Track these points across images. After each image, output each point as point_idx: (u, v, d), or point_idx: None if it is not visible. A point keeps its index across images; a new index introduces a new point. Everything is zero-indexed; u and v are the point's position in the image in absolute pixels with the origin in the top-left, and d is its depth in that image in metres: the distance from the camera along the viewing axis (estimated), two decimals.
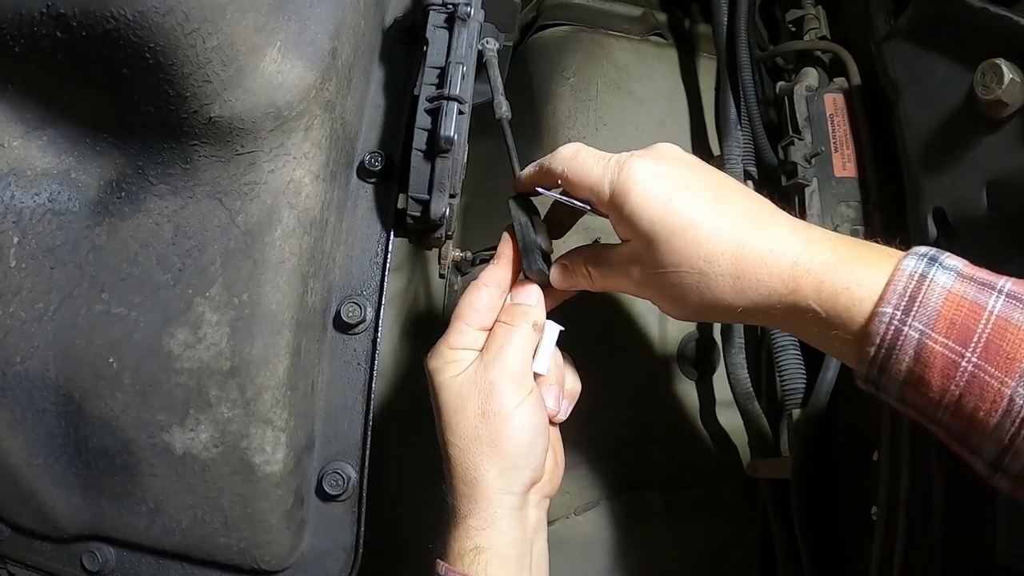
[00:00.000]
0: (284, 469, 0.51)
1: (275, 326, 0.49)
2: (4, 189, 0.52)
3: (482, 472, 0.46)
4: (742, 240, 0.42)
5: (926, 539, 0.56)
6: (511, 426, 0.46)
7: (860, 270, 0.40)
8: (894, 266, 0.39)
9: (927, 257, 0.39)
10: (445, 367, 0.48)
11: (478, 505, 0.46)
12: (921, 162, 0.61)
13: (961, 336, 0.36)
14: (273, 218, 0.49)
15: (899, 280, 0.38)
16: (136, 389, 0.50)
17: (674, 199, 0.43)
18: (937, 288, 0.37)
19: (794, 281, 0.41)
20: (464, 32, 0.53)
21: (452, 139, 0.49)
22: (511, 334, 0.48)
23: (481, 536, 0.45)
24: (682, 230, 0.42)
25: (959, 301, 0.37)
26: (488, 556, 0.45)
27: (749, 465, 0.71)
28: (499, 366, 0.47)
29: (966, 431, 0.37)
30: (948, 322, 0.37)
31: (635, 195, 0.43)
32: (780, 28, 0.81)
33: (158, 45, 0.44)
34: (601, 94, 0.77)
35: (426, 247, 0.57)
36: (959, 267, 0.39)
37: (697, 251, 0.42)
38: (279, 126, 0.49)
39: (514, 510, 0.46)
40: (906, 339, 0.37)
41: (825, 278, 0.40)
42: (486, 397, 0.46)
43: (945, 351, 0.37)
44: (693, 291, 0.43)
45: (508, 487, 0.46)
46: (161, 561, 0.56)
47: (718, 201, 0.43)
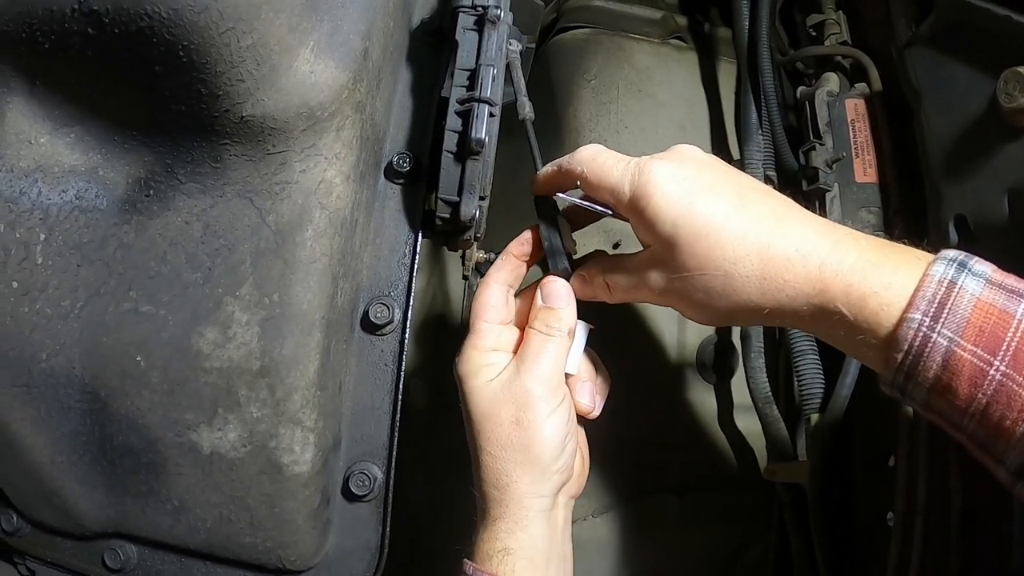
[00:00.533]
0: (312, 469, 0.51)
1: (306, 326, 0.49)
2: (31, 186, 0.52)
3: (514, 478, 0.46)
4: (767, 241, 0.41)
5: (943, 545, 0.56)
6: (544, 433, 0.46)
7: (889, 274, 0.39)
8: (923, 271, 0.39)
9: (956, 262, 0.39)
10: (477, 372, 0.48)
11: (508, 509, 0.46)
12: (943, 169, 0.61)
13: (990, 344, 0.36)
14: (304, 218, 0.49)
15: (928, 286, 0.38)
16: (164, 388, 0.50)
17: (697, 201, 0.42)
18: (967, 295, 0.37)
19: (821, 282, 0.40)
20: (494, 34, 0.53)
21: (483, 141, 0.49)
22: (547, 342, 0.48)
23: (510, 538, 0.45)
24: (706, 232, 0.42)
25: (988, 308, 0.37)
26: (516, 558, 0.45)
27: (766, 469, 0.72)
28: (534, 375, 0.47)
29: (992, 439, 0.37)
30: (977, 330, 0.36)
31: (656, 197, 0.43)
32: (800, 33, 0.82)
33: (192, 43, 0.44)
34: (622, 97, 0.77)
35: (453, 248, 0.57)
36: (988, 273, 0.38)
37: (722, 253, 0.41)
38: (311, 126, 0.49)
39: (544, 512, 0.47)
40: (934, 346, 0.37)
41: (853, 280, 0.39)
42: (520, 406, 0.46)
43: (974, 359, 0.36)
44: (719, 294, 0.43)
45: (539, 491, 0.47)
46: (184, 560, 0.56)
47: (742, 202, 0.43)
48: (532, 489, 0.46)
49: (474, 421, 0.47)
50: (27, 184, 0.52)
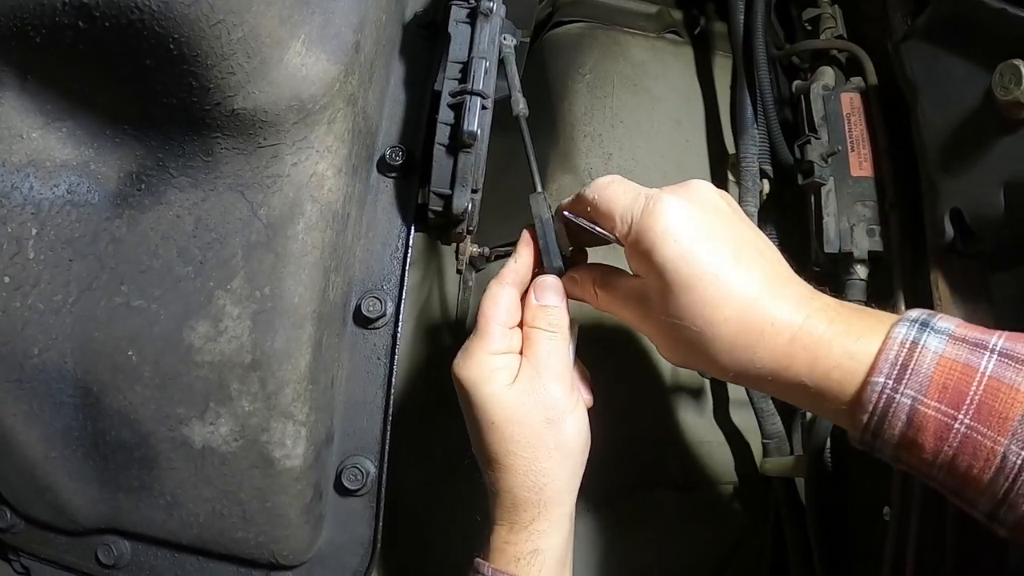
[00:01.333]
0: (304, 464, 0.51)
1: (297, 320, 0.49)
2: (23, 180, 0.52)
3: (553, 476, 0.46)
4: (748, 308, 0.42)
5: (939, 541, 0.56)
6: (572, 428, 0.47)
7: (852, 342, 0.40)
8: (885, 334, 0.39)
9: (918, 322, 0.39)
10: (490, 377, 0.47)
11: (546, 509, 0.46)
12: (938, 162, 0.61)
13: (953, 399, 0.37)
14: (296, 211, 0.49)
15: (891, 349, 0.39)
16: (156, 382, 0.50)
17: (694, 249, 0.42)
18: (929, 354, 0.38)
19: (788, 358, 0.41)
20: (487, 27, 0.52)
21: (475, 134, 0.49)
22: (555, 340, 0.48)
23: (543, 539, 0.46)
24: (693, 284, 0.42)
25: (951, 365, 0.37)
26: (545, 557, 0.46)
27: (762, 465, 0.72)
28: (552, 373, 0.47)
29: (961, 487, 0.38)
30: (940, 387, 0.37)
31: (656, 233, 0.43)
32: (796, 27, 0.81)
33: (182, 36, 0.44)
34: (617, 91, 0.77)
35: (446, 242, 0.57)
36: (951, 329, 0.39)
37: (703, 311, 0.42)
38: (302, 119, 0.48)
39: (572, 508, 0.48)
40: (899, 406, 0.38)
41: (819, 354, 0.40)
42: (547, 403, 0.47)
43: (938, 415, 0.37)
44: (689, 346, 0.43)
45: (573, 487, 0.48)
46: (177, 555, 0.56)
47: (737, 260, 0.43)
48: (568, 485, 0.47)
49: (499, 426, 0.46)
50: (19, 179, 0.52)
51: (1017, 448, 0.35)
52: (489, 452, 0.47)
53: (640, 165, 0.76)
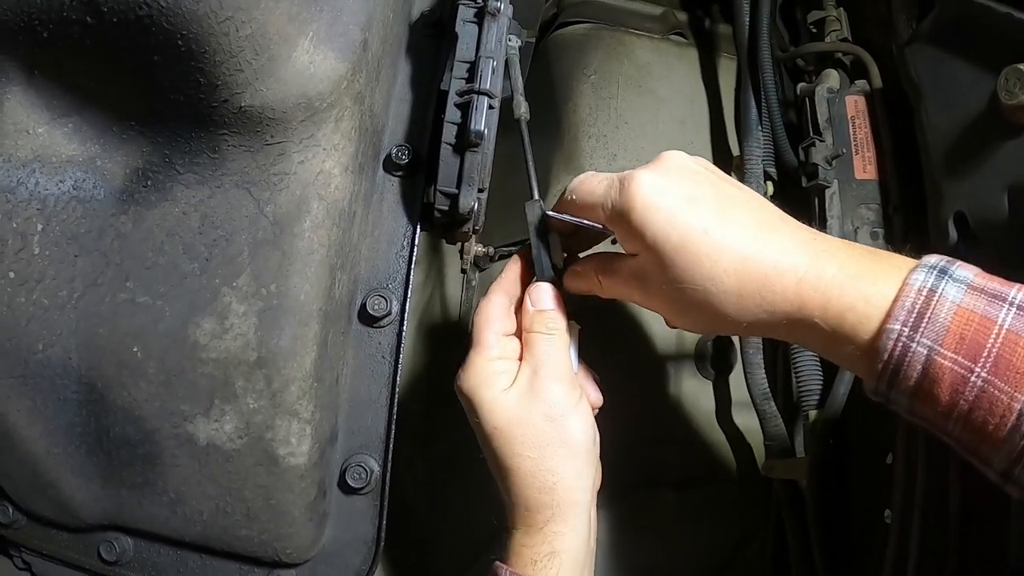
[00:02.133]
0: (309, 461, 0.51)
1: (303, 317, 0.49)
2: (29, 176, 0.52)
3: (560, 474, 0.46)
4: (745, 257, 0.41)
5: (941, 542, 0.56)
6: (576, 425, 0.47)
7: (868, 285, 0.39)
8: (903, 280, 0.38)
9: (937, 269, 0.38)
10: (489, 382, 0.47)
11: (559, 509, 0.46)
12: (943, 166, 0.61)
13: (971, 351, 0.36)
14: (302, 209, 0.49)
15: (907, 295, 0.38)
16: (160, 379, 0.50)
17: (677, 214, 0.42)
18: (947, 303, 0.37)
19: (799, 299, 0.40)
20: (494, 27, 0.52)
21: (483, 133, 0.49)
22: (552, 341, 0.48)
23: (559, 540, 0.46)
24: (684, 246, 0.42)
25: (969, 315, 0.36)
26: (562, 560, 0.45)
27: (765, 465, 0.71)
28: (551, 372, 0.47)
29: (976, 443, 0.38)
30: (958, 337, 0.36)
31: (637, 210, 0.43)
32: (800, 29, 0.81)
33: (191, 32, 0.44)
34: (622, 92, 0.77)
35: (451, 241, 0.57)
36: (970, 278, 0.38)
37: (700, 270, 0.42)
38: (310, 117, 0.48)
39: (587, 508, 0.48)
40: (914, 355, 0.37)
41: (832, 296, 0.39)
42: (548, 402, 0.46)
43: (954, 366, 0.36)
44: (697, 307, 0.43)
45: (583, 484, 0.47)
46: (180, 552, 0.56)
47: (723, 214, 0.42)
48: (577, 483, 0.47)
49: (502, 430, 0.47)
50: (25, 174, 0.51)
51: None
52: (497, 458, 0.47)
53: None
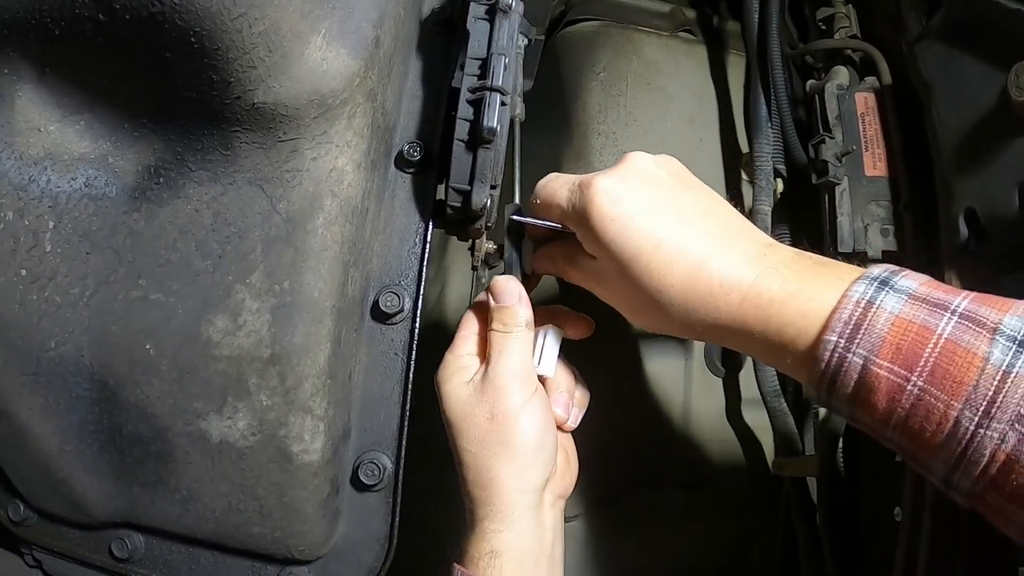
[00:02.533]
0: (322, 458, 0.51)
1: (317, 314, 0.49)
2: (40, 173, 0.52)
3: (495, 473, 0.46)
4: (694, 272, 0.42)
5: (951, 541, 0.56)
6: (520, 425, 0.46)
7: (805, 302, 0.39)
8: (842, 292, 0.39)
9: (878, 280, 0.39)
10: (451, 376, 0.49)
11: (494, 507, 0.46)
12: (953, 163, 0.61)
13: (907, 361, 0.36)
14: (315, 206, 0.49)
15: (845, 307, 0.38)
16: (173, 376, 0.50)
17: (632, 224, 0.43)
18: (884, 314, 0.37)
19: (741, 315, 0.41)
20: (506, 23, 0.52)
21: (495, 130, 0.49)
22: (507, 339, 0.48)
23: (497, 539, 0.46)
24: (636, 256, 0.43)
25: (906, 326, 0.36)
26: (503, 560, 0.45)
27: (775, 463, 0.72)
28: (501, 369, 0.47)
29: (915, 450, 0.38)
30: (894, 348, 0.36)
31: (594, 218, 0.44)
32: (809, 26, 0.81)
33: (204, 29, 0.44)
34: (631, 89, 0.77)
35: (463, 238, 0.57)
36: (913, 288, 0.38)
37: (651, 280, 0.43)
38: (323, 114, 0.48)
39: (530, 509, 0.47)
40: (850, 365, 0.37)
41: (771, 313, 0.40)
42: (493, 400, 0.47)
43: (890, 375, 0.36)
44: (649, 311, 0.45)
45: (522, 486, 0.47)
46: (192, 549, 0.56)
47: (677, 226, 0.43)
48: (514, 484, 0.46)
49: (452, 423, 0.48)
50: (36, 172, 0.51)
51: (970, 413, 0.34)
52: (452, 449, 0.49)
53: None
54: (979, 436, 0.34)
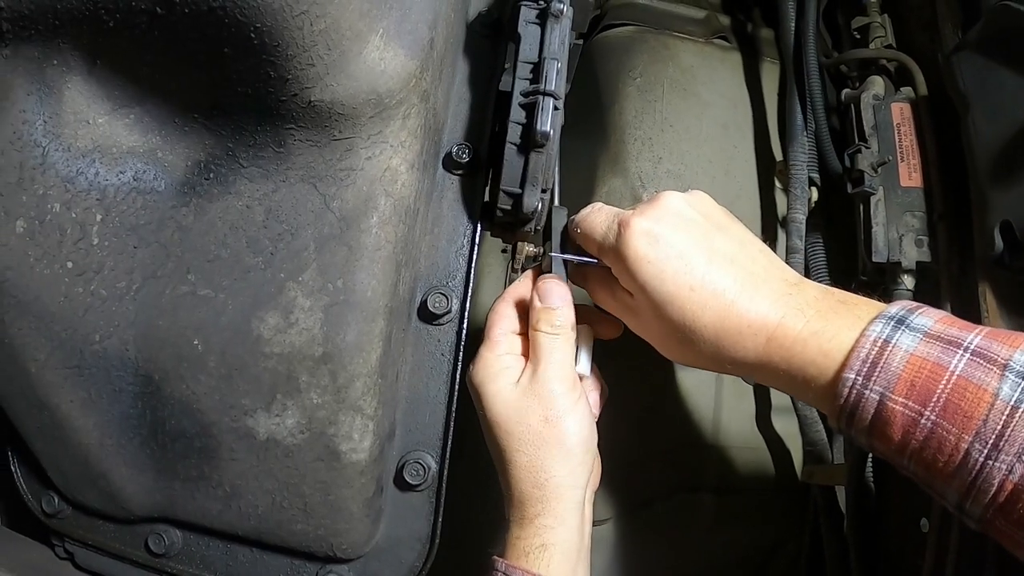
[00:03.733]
0: (369, 457, 0.51)
1: (370, 314, 0.49)
2: (89, 166, 0.51)
3: (552, 472, 0.47)
4: (724, 313, 0.44)
5: (978, 554, 0.56)
6: (574, 427, 0.48)
7: (826, 342, 0.42)
8: (860, 331, 0.41)
9: (895, 319, 0.41)
10: (496, 377, 0.49)
11: (549, 505, 0.47)
12: (989, 175, 0.61)
13: (921, 397, 0.39)
14: (369, 205, 0.49)
15: (863, 347, 0.40)
16: (221, 372, 0.50)
17: (667, 267, 0.45)
18: (899, 352, 0.40)
19: (767, 354, 0.44)
20: (557, 28, 0.52)
21: (549, 134, 0.49)
22: (554, 341, 0.49)
23: (549, 534, 0.47)
24: (669, 300, 0.45)
25: (920, 363, 0.39)
26: (553, 552, 0.46)
27: (804, 471, 0.72)
28: (551, 373, 0.48)
29: (930, 478, 0.40)
30: (908, 384, 0.39)
31: (631, 259, 0.46)
32: (843, 35, 0.81)
33: (264, 25, 0.44)
34: (667, 95, 0.77)
35: (509, 240, 0.57)
36: (928, 325, 0.40)
37: (684, 321, 0.45)
38: (379, 113, 0.48)
39: (579, 504, 0.49)
40: (867, 400, 0.40)
41: (795, 352, 0.43)
42: (546, 404, 0.48)
43: (905, 410, 0.39)
44: (678, 350, 0.48)
45: (576, 483, 0.48)
46: (230, 546, 0.56)
47: (709, 271, 0.45)
48: (570, 481, 0.48)
49: (500, 424, 0.48)
50: (84, 164, 0.51)
51: (980, 446, 0.37)
52: (496, 450, 0.49)
53: (689, 169, 0.76)
54: (988, 467, 0.37)
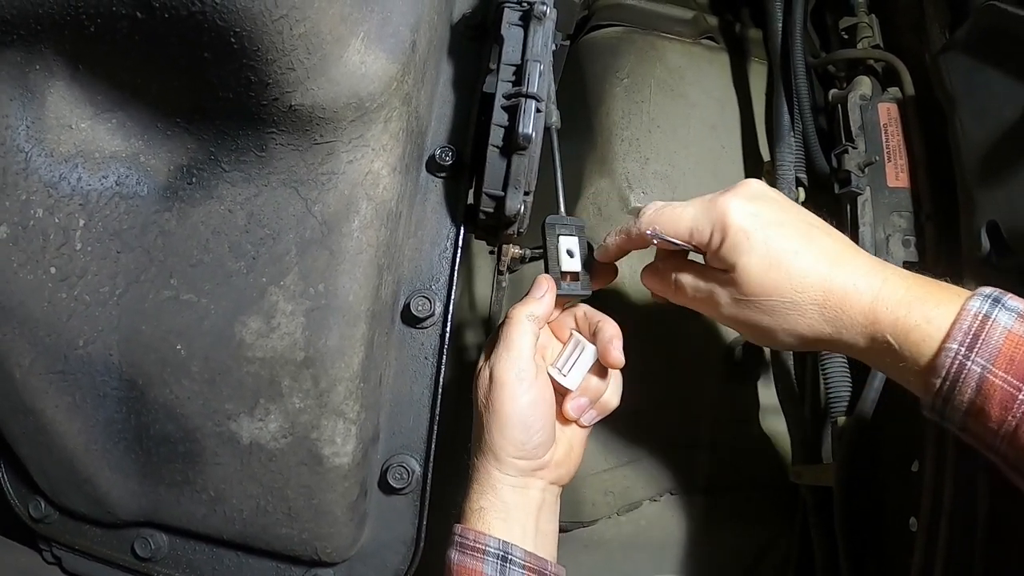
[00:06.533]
0: (352, 461, 0.51)
1: (351, 318, 0.49)
2: (72, 171, 0.51)
3: (484, 442, 0.50)
4: (829, 275, 0.46)
5: (968, 550, 0.56)
6: (505, 409, 0.49)
7: (931, 308, 0.43)
8: (961, 305, 0.42)
9: (991, 298, 0.42)
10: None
11: (478, 472, 0.50)
12: (976, 175, 0.61)
13: (1020, 372, 0.40)
14: (351, 209, 0.49)
15: (965, 319, 0.42)
16: (204, 377, 0.50)
17: (770, 235, 0.47)
18: (999, 327, 0.41)
19: (873, 314, 0.45)
20: (540, 30, 0.52)
21: (531, 136, 0.49)
22: (512, 329, 0.51)
23: (483, 498, 0.50)
24: (777, 263, 0.46)
25: (1018, 340, 0.40)
26: (489, 515, 0.49)
27: (793, 471, 0.72)
28: (501, 358, 0.50)
29: (1021, 459, 0.41)
30: (1008, 359, 0.40)
31: (733, 231, 0.47)
32: (830, 36, 0.82)
33: (244, 30, 0.44)
34: (654, 96, 0.77)
35: (493, 243, 0.57)
36: (1021, 308, 0.42)
37: (790, 282, 0.46)
38: (360, 117, 0.48)
39: (512, 487, 0.50)
40: (969, 373, 0.41)
41: (900, 314, 0.44)
42: (493, 385, 0.50)
43: (1004, 385, 0.40)
44: (783, 318, 0.47)
45: (509, 453, 0.49)
46: (216, 550, 0.56)
47: (809, 239, 0.47)
48: (504, 453, 0.49)
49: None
50: (67, 169, 0.51)
51: None
52: None
53: (676, 170, 0.76)
54: None
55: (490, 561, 0.47)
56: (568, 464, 0.54)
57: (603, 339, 0.52)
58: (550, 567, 0.50)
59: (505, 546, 0.48)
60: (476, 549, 0.48)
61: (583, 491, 0.71)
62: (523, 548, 0.48)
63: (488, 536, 0.48)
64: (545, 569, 0.49)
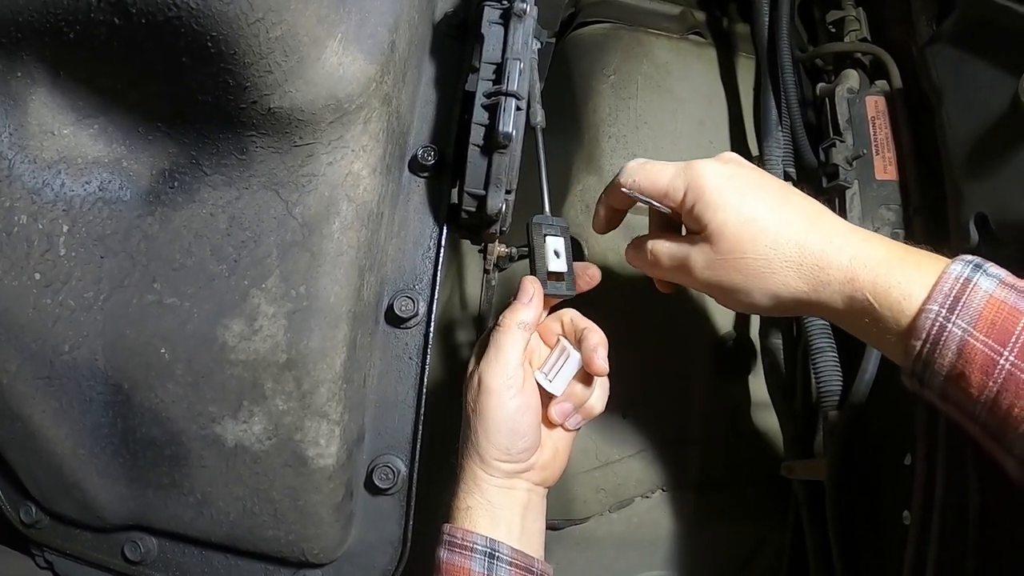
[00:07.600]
0: (337, 463, 0.51)
1: (333, 319, 0.49)
2: (54, 177, 0.52)
3: (469, 445, 0.50)
4: (805, 232, 0.46)
5: (960, 543, 0.56)
6: (490, 414, 0.49)
7: (911, 269, 0.43)
8: (942, 269, 0.42)
9: (973, 264, 0.42)
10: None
11: (464, 472, 0.50)
12: (964, 167, 0.61)
13: (1000, 336, 0.39)
14: (331, 210, 0.49)
15: (946, 281, 0.41)
16: (188, 380, 0.50)
17: (746, 194, 0.47)
18: (980, 291, 0.41)
19: (851, 272, 0.44)
20: (520, 28, 0.52)
21: (511, 135, 0.49)
22: (500, 336, 0.51)
23: (469, 497, 0.50)
24: (752, 220, 0.47)
25: (1000, 305, 0.40)
26: (476, 513, 0.49)
27: (784, 466, 0.72)
28: (488, 365, 0.50)
29: (1001, 428, 0.40)
30: (989, 322, 0.40)
31: (709, 191, 0.48)
32: (818, 29, 0.81)
33: (220, 34, 0.44)
34: (641, 92, 0.76)
35: (477, 242, 0.57)
36: (1002, 275, 0.42)
37: (765, 239, 0.46)
38: (339, 118, 0.48)
39: (496, 487, 0.50)
40: (949, 335, 0.40)
41: (880, 272, 0.43)
42: (479, 390, 0.50)
43: (985, 349, 0.39)
44: (758, 276, 0.47)
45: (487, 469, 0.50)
46: (205, 552, 0.56)
47: (784, 199, 0.48)
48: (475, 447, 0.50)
49: None
50: (50, 175, 0.51)
51: None
52: None
53: None
54: None
55: (478, 558, 0.48)
56: (553, 467, 0.54)
57: (588, 347, 0.51)
58: (537, 564, 0.50)
59: (492, 543, 0.48)
60: (464, 547, 0.48)
61: (575, 489, 0.71)
62: (509, 545, 0.49)
63: (475, 534, 0.48)
64: (532, 566, 0.50)
